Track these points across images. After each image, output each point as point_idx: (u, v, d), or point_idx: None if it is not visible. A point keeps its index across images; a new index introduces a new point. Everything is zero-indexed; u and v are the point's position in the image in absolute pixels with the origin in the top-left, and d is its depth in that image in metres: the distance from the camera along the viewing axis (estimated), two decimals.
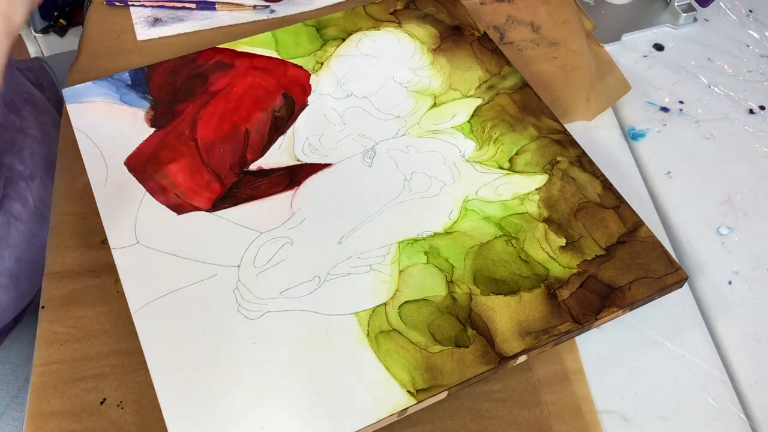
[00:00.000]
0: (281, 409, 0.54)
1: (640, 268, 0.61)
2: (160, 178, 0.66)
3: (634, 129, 0.80)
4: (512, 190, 0.66)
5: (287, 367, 0.56)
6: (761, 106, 0.82)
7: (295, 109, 0.72)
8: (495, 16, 0.85)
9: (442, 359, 0.56)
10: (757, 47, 0.88)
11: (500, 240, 0.63)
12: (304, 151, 0.69)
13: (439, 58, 0.77)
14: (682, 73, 0.85)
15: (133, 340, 0.58)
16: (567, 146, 0.69)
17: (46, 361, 0.60)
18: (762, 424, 0.60)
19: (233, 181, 0.66)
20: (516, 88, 0.74)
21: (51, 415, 0.57)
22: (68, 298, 0.63)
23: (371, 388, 0.55)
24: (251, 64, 0.75)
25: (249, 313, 0.58)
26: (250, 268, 0.61)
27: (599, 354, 0.63)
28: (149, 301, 0.59)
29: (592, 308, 0.59)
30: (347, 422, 0.53)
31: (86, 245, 0.66)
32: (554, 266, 0.61)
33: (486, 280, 0.60)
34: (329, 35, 0.79)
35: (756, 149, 0.78)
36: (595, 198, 0.66)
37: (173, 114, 0.70)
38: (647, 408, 0.60)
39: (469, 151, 0.69)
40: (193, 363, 0.56)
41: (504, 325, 0.58)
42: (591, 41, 0.85)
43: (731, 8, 0.93)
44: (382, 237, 0.63)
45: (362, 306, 0.59)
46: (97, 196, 0.65)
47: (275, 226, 0.63)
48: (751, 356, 0.64)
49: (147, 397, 0.58)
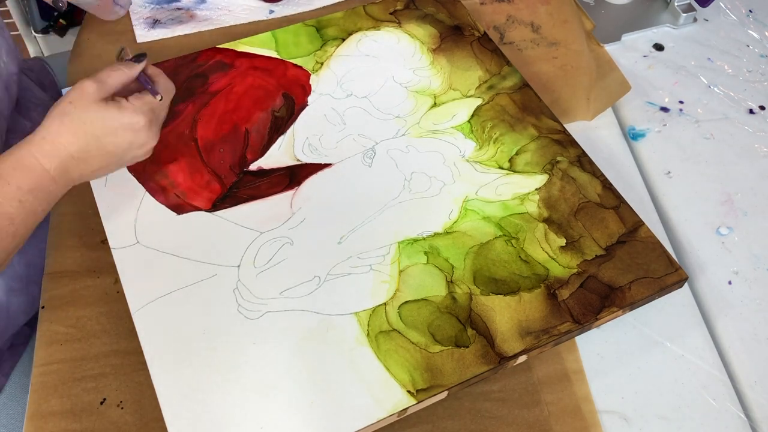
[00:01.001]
0: (281, 409, 0.54)
1: (640, 268, 0.61)
2: (160, 178, 0.66)
3: (634, 129, 0.80)
4: (512, 190, 0.66)
5: (287, 367, 0.56)
6: (761, 106, 0.82)
7: (295, 109, 0.72)
8: (495, 16, 0.85)
9: (442, 359, 0.56)
10: (757, 47, 0.88)
11: (500, 240, 0.63)
12: (304, 151, 0.69)
13: (439, 58, 0.77)
14: (682, 73, 0.85)
15: (133, 340, 0.58)
16: (567, 146, 0.69)
17: (46, 361, 0.60)
18: (762, 424, 0.60)
19: (233, 181, 0.66)
20: (516, 88, 0.74)
21: (51, 415, 0.57)
22: (68, 298, 0.63)
23: (371, 388, 0.55)
24: (251, 64, 0.75)
25: (249, 313, 0.58)
26: (250, 268, 0.61)
27: (599, 354, 0.63)
28: (149, 301, 0.59)
29: (592, 308, 0.59)
30: (347, 422, 0.53)
31: (86, 245, 0.66)
32: (554, 266, 0.61)
33: (486, 280, 0.60)
34: (329, 35, 0.79)
35: (756, 149, 0.78)
36: (595, 198, 0.66)
37: (173, 114, 0.70)
38: (647, 408, 0.60)
39: (469, 151, 0.69)
40: (193, 363, 0.56)
41: (504, 325, 0.58)
42: (591, 41, 0.85)
43: (731, 8, 0.93)
44: (382, 237, 0.63)
45: (362, 306, 0.59)
46: (97, 196, 0.65)
47: (275, 226, 0.63)
48: (751, 356, 0.64)
49: (147, 397, 0.58)
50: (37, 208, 0.55)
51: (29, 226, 0.55)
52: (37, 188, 0.54)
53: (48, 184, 0.55)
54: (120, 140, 0.57)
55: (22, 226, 0.54)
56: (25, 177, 0.54)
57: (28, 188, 0.54)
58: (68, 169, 0.56)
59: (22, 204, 0.54)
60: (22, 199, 0.54)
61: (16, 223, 0.54)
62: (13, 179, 0.53)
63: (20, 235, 0.55)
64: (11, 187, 0.53)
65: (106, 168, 0.59)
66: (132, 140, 0.58)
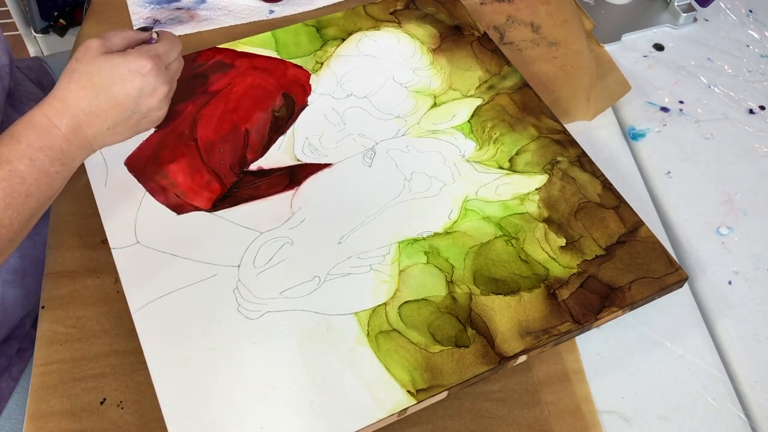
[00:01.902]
0: (281, 409, 0.54)
1: (640, 268, 0.61)
2: (160, 178, 0.66)
3: (634, 129, 0.80)
4: (512, 190, 0.66)
5: (287, 367, 0.56)
6: (761, 106, 0.82)
7: (295, 109, 0.72)
8: (495, 16, 0.85)
9: (442, 359, 0.56)
10: (757, 47, 0.88)
11: (500, 240, 0.63)
12: (304, 151, 0.69)
13: (439, 58, 0.77)
14: (682, 73, 0.85)
15: (133, 340, 0.58)
16: (567, 146, 0.69)
17: (46, 361, 0.60)
18: (762, 424, 0.60)
19: (233, 181, 0.66)
20: (516, 88, 0.74)
21: (51, 415, 0.57)
22: (68, 298, 0.63)
23: (371, 388, 0.55)
24: (251, 64, 0.75)
25: (249, 313, 0.58)
26: (250, 268, 0.61)
27: (599, 354, 0.63)
28: (149, 301, 0.59)
29: (592, 308, 0.59)
30: (347, 422, 0.53)
31: (86, 245, 0.66)
32: (554, 266, 0.61)
33: (486, 280, 0.60)
34: (329, 35, 0.79)
35: (756, 149, 0.78)
36: (595, 198, 0.66)
37: (173, 114, 0.70)
38: (647, 408, 0.60)
39: (469, 151, 0.69)
40: (193, 363, 0.56)
41: (504, 325, 0.58)
42: (591, 41, 0.85)
43: (731, 8, 0.93)
44: (382, 237, 0.63)
45: (362, 306, 0.59)
46: (97, 196, 0.65)
47: (275, 226, 0.63)
48: (751, 356, 0.64)
49: (147, 397, 0.58)
50: (50, 168, 0.54)
51: (43, 188, 0.54)
52: (48, 146, 0.54)
53: (60, 142, 0.55)
54: (129, 87, 0.56)
55: (35, 186, 0.54)
56: (35, 135, 0.54)
57: (38, 146, 0.54)
58: (80, 125, 0.56)
59: (32, 162, 0.53)
60: (32, 156, 0.53)
61: (28, 182, 0.53)
62: (24, 137, 0.54)
63: (33, 196, 0.54)
64: (21, 145, 0.53)
65: (121, 124, 0.58)
66: (141, 86, 0.57)
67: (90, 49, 0.56)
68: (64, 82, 0.56)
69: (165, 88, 0.59)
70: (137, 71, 0.57)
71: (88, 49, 0.57)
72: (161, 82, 0.58)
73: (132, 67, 0.56)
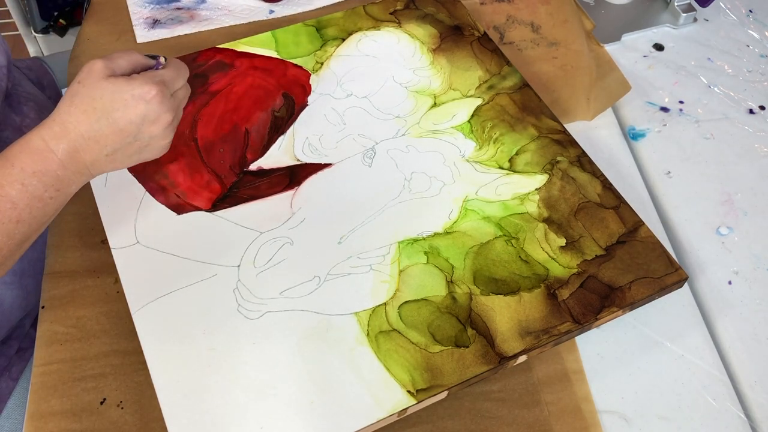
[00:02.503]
0: (281, 409, 0.54)
1: (640, 268, 0.61)
2: (160, 178, 0.66)
3: (634, 129, 0.80)
4: (512, 190, 0.66)
5: (287, 367, 0.56)
6: (761, 106, 0.82)
7: (295, 109, 0.72)
8: (495, 16, 0.85)
9: (442, 359, 0.56)
10: (757, 47, 0.88)
11: (500, 240, 0.63)
12: (304, 151, 0.69)
13: (439, 58, 0.77)
14: (682, 73, 0.85)
15: (133, 340, 0.58)
16: (567, 146, 0.69)
17: (46, 361, 0.60)
18: (762, 424, 0.60)
19: (233, 181, 0.66)
20: (516, 88, 0.74)
21: (51, 415, 0.57)
22: (68, 298, 0.63)
23: (371, 388, 0.55)
24: (251, 64, 0.75)
25: (249, 313, 0.58)
26: (250, 268, 0.61)
27: (599, 354, 0.63)
28: (149, 301, 0.59)
29: (592, 308, 0.59)
30: (347, 422, 0.53)
31: (86, 245, 0.66)
32: (554, 266, 0.61)
33: (486, 280, 0.60)
34: (329, 35, 0.79)
35: (756, 149, 0.78)
36: (595, 198, 0.66)
37: None
38: (647, 408, 0.60)
39: (469, 151, 0.69)
40: (193, 363, 0.56)
41: (504, 325, 0.58)
42: (591, 41, 0.85)
43: (731, 8, 0.93)
44: (382, 237, 0.63)
45: (362, 306, 0.59)
46: (97, 196, 0.65)
47: (275, 226, 0.63)
48: (751, 356, 0.64)
49: (147, 397, 0.58)
50: (43, 193, 0.53)
51: (35, 214, 0.53)
52: (42, 171, 0.52)
53: (55, 168, 0.53)
54: (131, 113, 0.54)
55: (26, 212, 0.52)
56: (30, 159, 0.52)
57: (32, 171, 0.52)
58: (78, 151, 0.54)
59: (24, 187, 0.52)
60: (24, 182, 0.52)
61: (19, 208, 0.52)
62: (18, 161, 0.52)
63: (25, 222, 0.52)
64: (15, 169, 0.52)
65: (122, 151, 0.56)
66: (145, 112, 0.54)
67: (93, 71, 0.54)
68: (65, 106, 0.54)
69: (169, 115, 0.56)
70: (141, 97, 0.54)
71: (92, 71, 0.55)
72: (165, 109, 0.56)
73: (136, 92, 0.54)
